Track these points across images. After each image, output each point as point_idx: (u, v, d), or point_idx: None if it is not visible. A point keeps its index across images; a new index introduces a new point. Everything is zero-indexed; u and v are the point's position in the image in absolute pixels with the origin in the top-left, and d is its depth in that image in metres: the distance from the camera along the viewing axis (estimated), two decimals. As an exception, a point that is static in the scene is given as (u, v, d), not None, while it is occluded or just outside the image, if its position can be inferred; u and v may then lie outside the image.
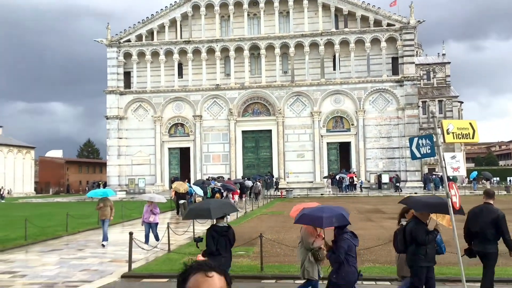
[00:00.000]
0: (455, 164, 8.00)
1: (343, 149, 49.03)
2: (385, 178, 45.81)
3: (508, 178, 60.38)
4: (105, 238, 16.09)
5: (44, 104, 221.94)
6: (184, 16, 51.17)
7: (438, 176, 45.53)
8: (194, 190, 26.57)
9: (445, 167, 7.67)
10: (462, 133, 7.80)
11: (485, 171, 58.18)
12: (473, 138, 7.88)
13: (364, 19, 48.75)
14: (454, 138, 7.75)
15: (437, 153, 7.61)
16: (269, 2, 49.86)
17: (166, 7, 51.29)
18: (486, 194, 8.56)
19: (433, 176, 49.06)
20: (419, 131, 48.49)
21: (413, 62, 49.58)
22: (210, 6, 50.76)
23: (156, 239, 15.63)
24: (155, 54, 51.19)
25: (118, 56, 51.41)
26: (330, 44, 48.80)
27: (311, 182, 47.83)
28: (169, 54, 50.98)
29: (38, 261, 13.73)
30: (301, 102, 49.07)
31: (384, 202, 33.32)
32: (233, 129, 49.61)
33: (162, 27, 51.57)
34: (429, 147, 7.62)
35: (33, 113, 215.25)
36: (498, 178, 64.40)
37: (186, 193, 26.67)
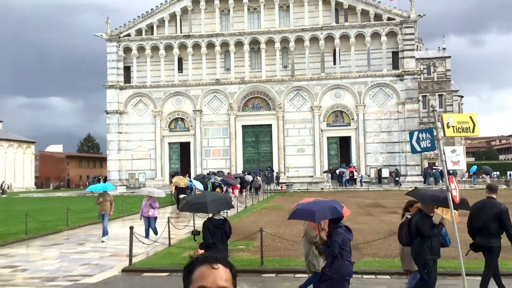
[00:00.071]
0: (455, 158, 8.00)
1: (343, 143, 49.02)
2: (385, 173, 45.88)
3: (508, 172, 60.28)
4: (105, 233, 16.09)
5: (44, 98, 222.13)
6: (184, 10, 50.99)
7: (438, 170, 45.55)
8: (194, 185, 26.62)
9: (445, 161, 7.66)
10: (462, 126, 7.77)
11: (485, 165, 58.18)
12: (473, 131, 7.86)
13: (364, 13, 48.58)
14: (454, 132, 7.73)
15: (437, 147, 7.59)
16: (269, -4, 49.71)
17: (166, 1, 51.09)
18: (489, 188, 8.55)
19: (433, 170, 49.09)
20: (419, 126, 48.44)
21: (413, 57, 49.44)
22: (210, 0, 50.54)
23: (154, 233, 15.67)
24: (155, 49, 51.06)
25: (118, 50, 51.29)
26: (330, 38, 48.67)
27: (311, 176, 47.85)
28: (169, 48, 50.85)
29: (39, 255, 13.77)
30: (301, 96, 49.00)
31: (384, 196, 33.37)
32: (233, 123, 49.58)
33: (162, 22, 51.41)
34: (429, 141, 7.61)
35: (33, 108, 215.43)
36: (498, 172, 64.39)
37: (187, 187, 26.73)
